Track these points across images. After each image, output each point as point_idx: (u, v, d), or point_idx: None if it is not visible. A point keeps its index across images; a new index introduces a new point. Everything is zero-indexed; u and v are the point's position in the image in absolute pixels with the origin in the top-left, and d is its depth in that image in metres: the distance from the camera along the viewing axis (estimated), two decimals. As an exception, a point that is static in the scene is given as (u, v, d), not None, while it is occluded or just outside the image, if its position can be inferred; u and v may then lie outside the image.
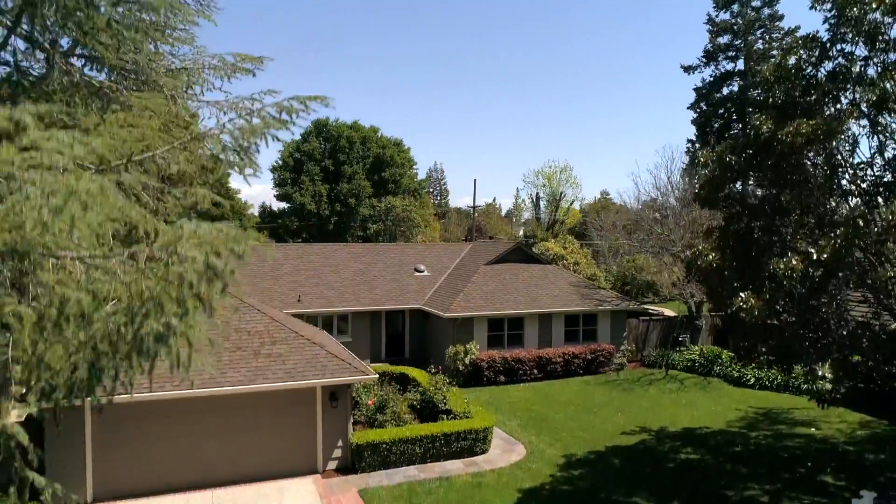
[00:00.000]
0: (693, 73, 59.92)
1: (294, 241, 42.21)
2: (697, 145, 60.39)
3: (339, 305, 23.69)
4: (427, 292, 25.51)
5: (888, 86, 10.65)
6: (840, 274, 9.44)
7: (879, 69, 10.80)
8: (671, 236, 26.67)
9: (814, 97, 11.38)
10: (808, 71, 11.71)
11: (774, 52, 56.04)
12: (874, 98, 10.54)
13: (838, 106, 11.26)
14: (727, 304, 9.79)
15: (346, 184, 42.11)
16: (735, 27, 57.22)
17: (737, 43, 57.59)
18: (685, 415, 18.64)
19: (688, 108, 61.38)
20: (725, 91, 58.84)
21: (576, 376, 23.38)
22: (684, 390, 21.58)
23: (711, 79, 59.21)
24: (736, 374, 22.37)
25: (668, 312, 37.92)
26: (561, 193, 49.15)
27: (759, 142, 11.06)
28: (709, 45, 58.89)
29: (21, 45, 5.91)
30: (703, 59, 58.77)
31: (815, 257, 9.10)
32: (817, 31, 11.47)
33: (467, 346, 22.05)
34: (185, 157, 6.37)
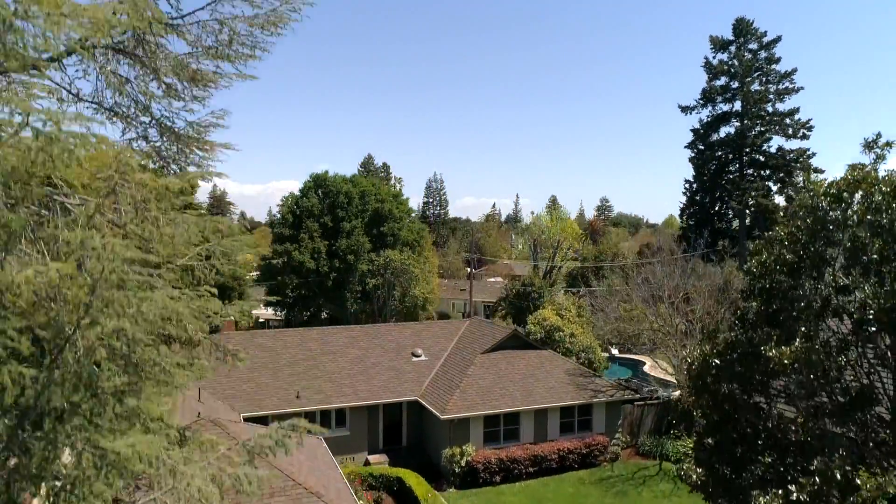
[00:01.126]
0: (690, 113, 60.48)
1: (293, 294, 42.54)
2: (695, 185, 60.81)
3: (337, 400, 23.99)
4: (424, 380, 25.81)
5: (868, 291, 10.97)
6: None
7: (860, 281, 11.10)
8: (665, 326, 27.03)
9: (797, 296, 11.70)
10: (792, 262, 12.04)
11: (771, 96, 56.52)
12: (854, 314, 10.87)
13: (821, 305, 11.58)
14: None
15: (346, 239, 42.45)
16: (732, 70, 57.57)
17: (734, 85, 57.93)
18: (677, 534, 18.94)
19: (685, 146, 61.86)
20: (723, 132, 59.27)
21: (570, 471, 23.65)
22: (677, 494, 21.86)
23: (709, 118, 59.60)
24: (729, 474, 22.62)
25: (668, 372, 38.21)
26: (558, 242, 49.48)
27: (744, 350, 11.39)
28: (706, 87, 59.23)
29: None
30: (701, 101, 59.18)
31: (794, 497, 9.42)
32: (800, 234, 11.80)
33: (463, 447, 22.34)
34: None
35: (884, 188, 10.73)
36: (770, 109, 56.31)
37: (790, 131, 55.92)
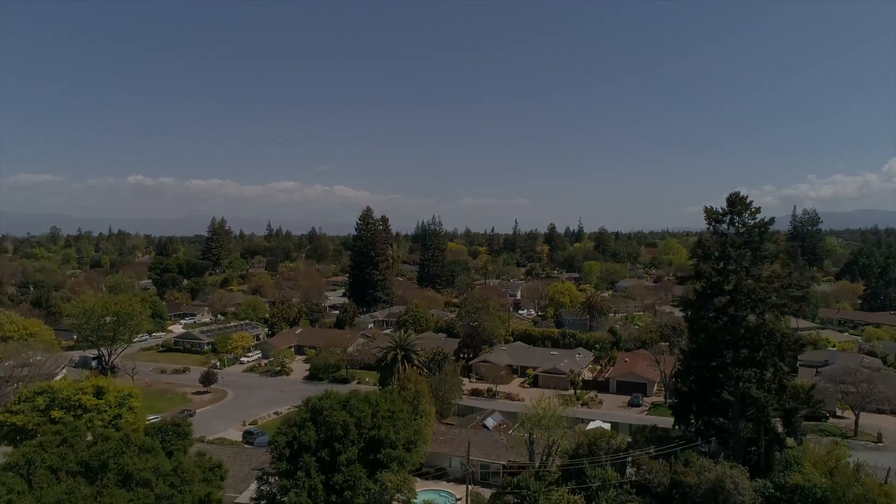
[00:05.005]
0: (685, 283, 61.10)
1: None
2: (689, 357, 61.24)
3: None
4: None
5: None
6: None
7: None
8: None
9: None
10: None
11: (763, 282, 57.03)
12: None
13: None
14: None
15: (344, 469, 42.93)
16: (724, 246, 58.01)
17: (728, 256, 58.37)
18: None
19: (680, 311, 62.47)
20: (716, 302, 59.65)
21: None
22: None
23: (703, 289, 60.09)
24: None
25: None
26: (553, 441, 50.07)
27: None
28: (699, 256, 59.62)
29: None
30: (694, 275, 59.57)
31: None
32: None
33: None
34: None
35: None
36: (761, 292, 56.79)
37: (781, 314, 56.56)
